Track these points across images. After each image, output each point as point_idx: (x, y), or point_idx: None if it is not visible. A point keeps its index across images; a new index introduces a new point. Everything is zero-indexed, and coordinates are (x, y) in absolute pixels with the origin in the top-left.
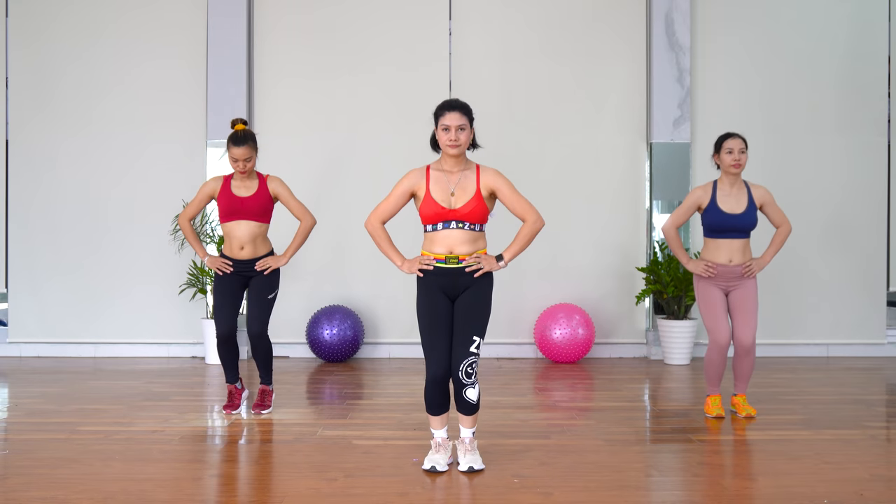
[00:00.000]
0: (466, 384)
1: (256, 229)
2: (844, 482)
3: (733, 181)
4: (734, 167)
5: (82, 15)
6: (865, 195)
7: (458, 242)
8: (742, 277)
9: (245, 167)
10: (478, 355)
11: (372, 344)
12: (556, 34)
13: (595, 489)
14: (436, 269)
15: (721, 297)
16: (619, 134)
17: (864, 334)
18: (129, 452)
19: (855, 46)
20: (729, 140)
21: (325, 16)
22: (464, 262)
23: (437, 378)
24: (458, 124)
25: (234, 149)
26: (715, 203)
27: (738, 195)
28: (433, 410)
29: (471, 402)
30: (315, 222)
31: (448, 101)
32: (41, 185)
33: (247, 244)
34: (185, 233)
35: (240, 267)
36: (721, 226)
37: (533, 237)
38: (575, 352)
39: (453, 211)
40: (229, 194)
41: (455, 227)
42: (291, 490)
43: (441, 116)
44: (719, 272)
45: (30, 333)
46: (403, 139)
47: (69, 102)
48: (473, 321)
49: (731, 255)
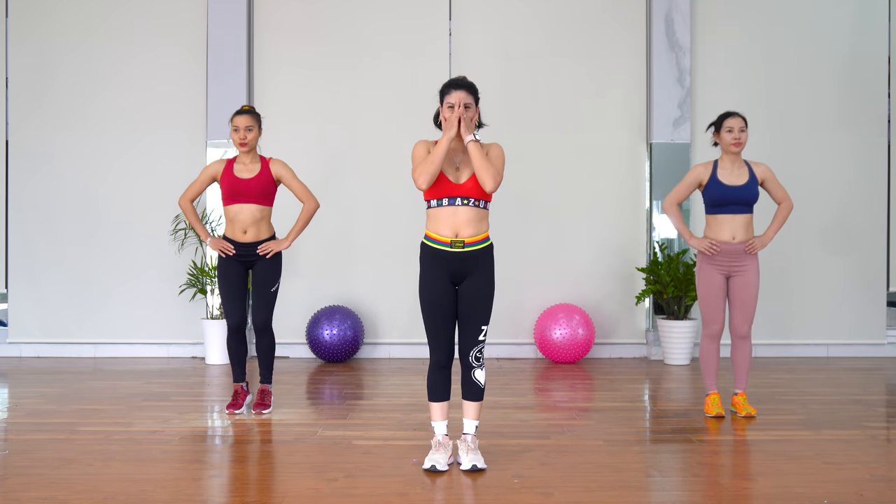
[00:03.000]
0: (475, 366)
1: (259, 213)
2: (844, 482)
3: (734, 160)
4: (734, 145)
5: (81, 11)
6: (865, 195)
7: (463, 223)
8: (745, 257)
9: (245, 137)
10: (485, 341)
11: (372, 344)
12: (555, 34)
13: (595, 489)
14: (440, 253)
15: (721, 285)
16: (619, 134)
17: (864, 334)
18: (128, 453)
19: (855, 46)
20: (729, 119)
21: (325, 13)
22: (469, 246)
23: (440, 363)
24: (463, 102)
25: (237, 117)
26: (716, 177)
27: (739, 172)
28: (435, 396)
29: (479, 385)
30: (318, 205)
31: (454, 79)
32: (41, 186)
33: (250, 227)
34: (187, 214)
35: (242, 251)
36: (722, 198)
37: (485, 167)
38: (575, 352)
39: (458, 186)
40: (232, 176)
41: (460, 203)
42: (291, 490)
43: (447, 94)
44: (722, 250)
45: (30, 333)
46: (404, 138)
47: (69, 102)
48: (480, 310)
49: (734, 232)
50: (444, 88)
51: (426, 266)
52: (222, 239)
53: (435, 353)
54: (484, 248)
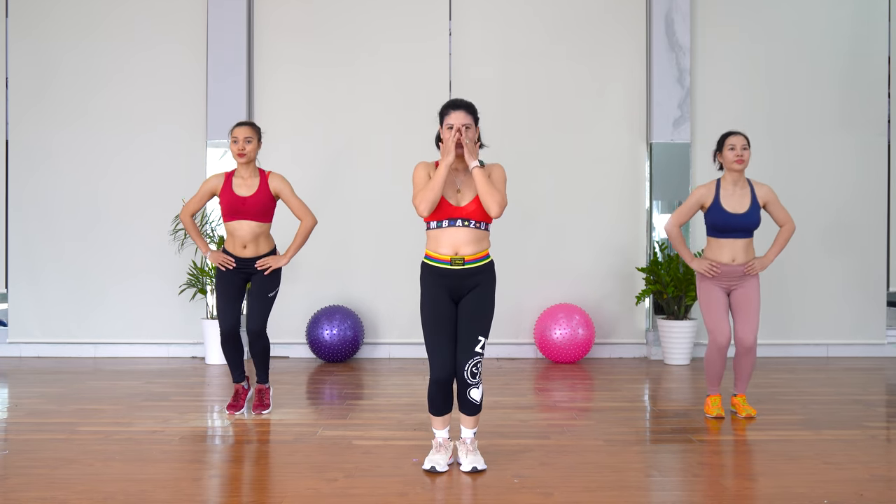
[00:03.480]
0: (471, 384)
1: (258, 229)
2: (844, 482)
3: (736, 179)
4: (737, 163)
5: (81, 9)
6: (865, 195)
7: (463, 242)
8: (745, 276)
9: (244, 148)
10: (482, 355)
11: (372, 344)
12: (556, 34)
13: (595, 489)
14: (440, 271)
15: (723, 297)
16: (619, 134)
17: (864, 334)
18: (128, 452)
19: (855, 46)
20: (731, 137)
21: (325, 11)
22: (469, 263)
23: (440, 380)
24: (462, 123)
25: (237, 128)
26: (718, 202)
27: (741, 194)
28: (436, 411)
29: (474, 403)
30: (316, 222)
31: (453, 101)
32: (41, 184)
33: (249, 243)
34: (188, 228)
35: (242, 264)
36: (724, 226)
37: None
38: (575, 352)
39: (459, 209)
40: (231, 193)
41: (461, 225)
42: (291, 490)
43: (446, 115)
44: (722, 271)
45: (30, 333)
46: (404, 138)
47: (68, 100)
48: (478, 322)
49: (734, 255)
50: (444, 110)
51: (427, 285)
52: (222, 252)
53: (435, 370)
54: (484, 266)
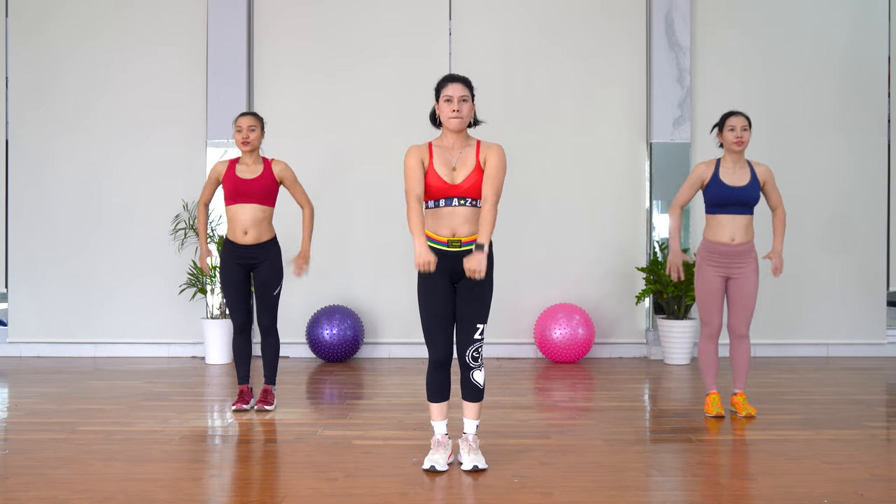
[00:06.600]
0: (473, 367)
1: (260, 213)
2: (844, 482)
3: (736, 159)
4: (737, 144)
5: (81, 13)
6: (865, 195)
7: (461, 222)
8: (745, 258)
9: (248, 136)
10: (482, 340)
11: (372, 344)
12: (556, 34)
13: (595, 489)
14: (438, 252)
15: (720, 286)
16: (619, 134)
17: (864, 334)
18: (129, 452)
19: (855, 46)
20: (732, 118)
21: (325, 15)
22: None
23: (439, 363)
24: (460, 95)
25: (240, 118)
26: (717, 177)
27: (741, 171)
28: (434, 397)
29: (478, 386)
30: (314, 208)
31: (449, 74)
32: (41, 185)
33: (250, 228)
34: (199, 218)
35: (242, 252)
36: (723, 198)
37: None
38: (575, 352)
39: (455, 186)
40: (234, 177)
41: (458, 203)
42: (291, 490)
43: (443, 88)
44: (720, 252)
45: (30, 333)
46: (404, 138)
47: (69, 103)
48: (477, 308)
49: (733, 233)
50: (441, 82)
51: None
52: (224, 239)
53: (433, 352)
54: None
